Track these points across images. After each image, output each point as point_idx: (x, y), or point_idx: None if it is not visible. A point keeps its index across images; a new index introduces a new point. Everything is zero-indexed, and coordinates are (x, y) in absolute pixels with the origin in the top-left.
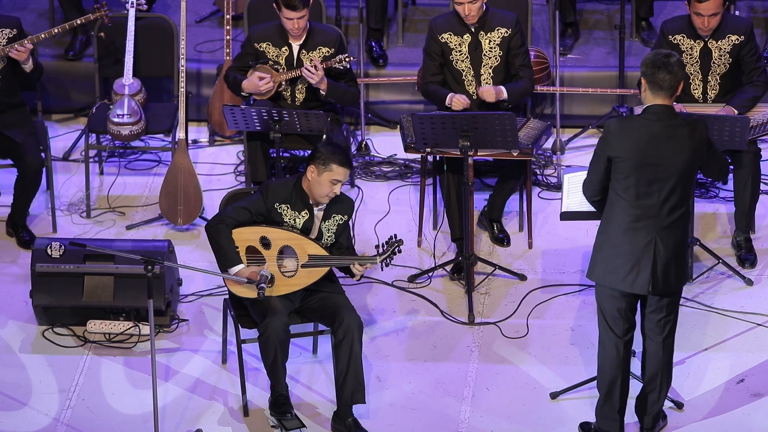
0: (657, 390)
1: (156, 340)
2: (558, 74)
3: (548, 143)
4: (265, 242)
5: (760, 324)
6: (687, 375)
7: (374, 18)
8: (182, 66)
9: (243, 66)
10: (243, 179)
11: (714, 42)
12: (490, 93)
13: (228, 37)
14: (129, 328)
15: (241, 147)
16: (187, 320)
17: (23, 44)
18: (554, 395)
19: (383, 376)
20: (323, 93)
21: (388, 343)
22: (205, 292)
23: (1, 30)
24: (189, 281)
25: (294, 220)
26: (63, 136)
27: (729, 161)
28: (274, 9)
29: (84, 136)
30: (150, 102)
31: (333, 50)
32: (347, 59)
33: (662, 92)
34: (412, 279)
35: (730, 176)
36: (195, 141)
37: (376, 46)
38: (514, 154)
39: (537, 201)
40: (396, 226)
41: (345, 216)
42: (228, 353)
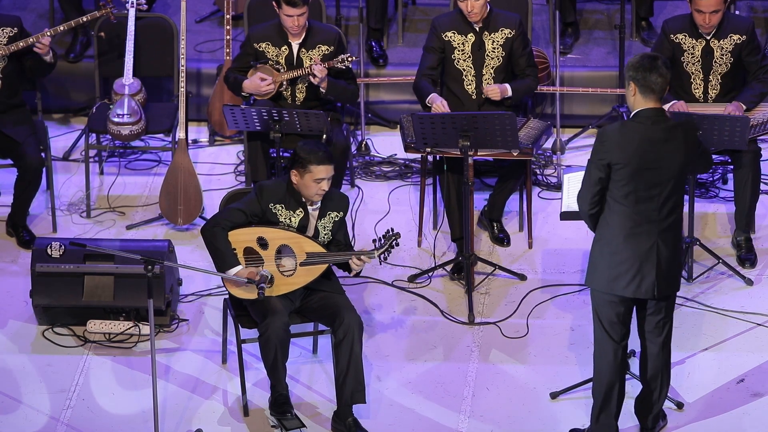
0: (658, 390)
1: (156, 340)
2: (558, 74)
3: (548, 143)
4: (263, 242)
5: (760, 324)
6: (687, 375)
7: (374, 18)
8: (182, 66)
9: (243, 66)
10: (243, 179)
11: (716, 41)
12: (496, 92)
13: (228, 37)
14: (129, 328)
15: (241, 147)
16: (187, 320)
17: (44, 36)
18: (554, 395)
19: (383, 376)
20: (323, 91)
21: (388, 343)
22: (205, 292)
23: (2, 29)
24: (189, 281)
25: (290, 220)
26: (63, 136)
27: (723, 159)
28: (274, 8)
29: (84, 136)
30: (150, 102)
31: (332, 48)
32: (350, 59)
33: (654, 95)
34: (412, 279)
35: (730, 176)
36: (195, 141)
37: (376, 46)
38: (514, 154)
39: (537, 201)
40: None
41: (340, 213)
42: (228, 353)
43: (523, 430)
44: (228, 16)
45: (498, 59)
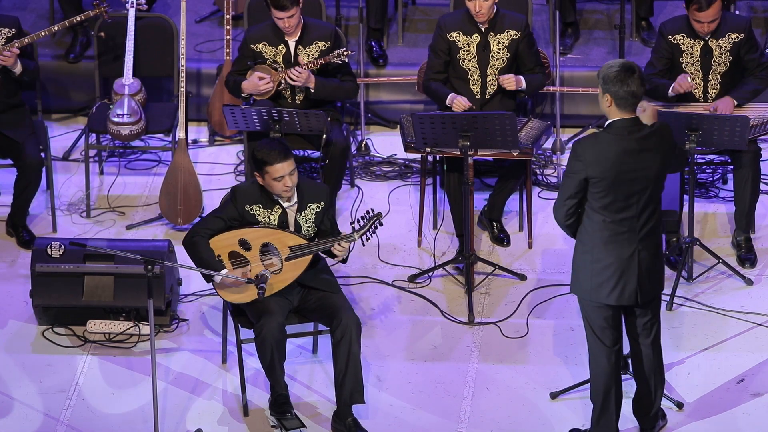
0: (652, 392)
1: (156, 340)
2: (558, 74)
3: (548, 143)
4: (245, 244)
5: (760, 324)
6: (687, 375)
7: (374, 18)
8: (182, 66)
9: (242, 69)
10: (243, 179)
11: (714, 41)
12: (511, 81)
13: (228, 37)
14: (129, 328)
15: (241, 147)
16: (187, 320)
17: (9, 49)
18: (554, 395)
19: (383, 376)
20: (312, 91)
21: (388, 343)
22: (205, 292)
23: (0, 29)
24: (189, 281)
25: (268, 218)
26: (63, 136)
27: (723, 159)
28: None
29: (84, 136)
30: (150, 102)
31: (329, 44)
32: (345, 53)
33: (629, 106)
34: (412, 279)
35: (730, 176)
36: (195, 141)
37: (376, 46)
38: (514, 154)
39: (537, 201)
40: (396, 226)
41: (321, 203)
42: (228, 353)
43: (523, 430)
44: (228, 16)
45: (503, 60)
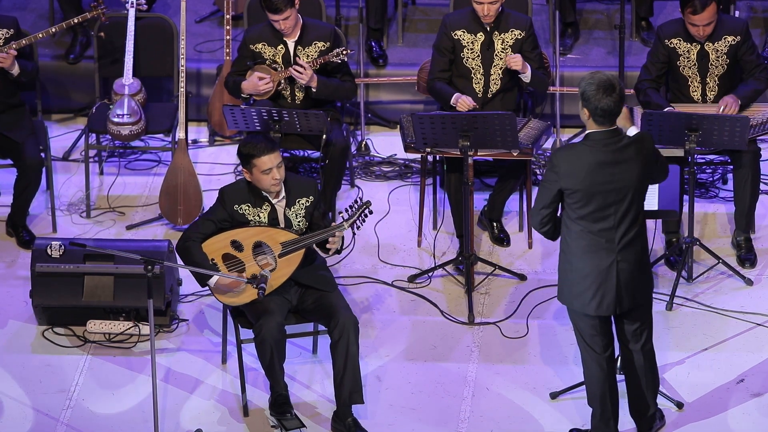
0: (644, 397)
1: (156, 340)
2: (558, 74)
3: (548, 143)
4: (237, 245)
5: (760, 324)
6: (687, 375)
7: (374, 18)
8: (182, 66)
9: (241, 70)
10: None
11: (711, 44)
12: (518, 61)
13: (228, 37)
14: (129, 328)
15: None
16: (187, 320)
17: (6, 51)
18: (554, 395)
19: (383, 376)
20: (314, 90)
21: (388, 343)
22: (205, 292)
23: None
24: (189, 281)
25: (258, 217)
26: (63, 136)
27: (723, 159)
28: None
29: (84, 136)
30: (150, 102)
31: (328, 44)
32: (344, 52)
33: (606, 121)
34: (412, 279)
35: (730, 176)
36: (195, 141)
37: (376, 46)
38: (514, 154)
39: None
40: (396, 226)
41: (310, 197)
42: (228, 353)
43: (523, 430)
44: (228, 16)
45: None
